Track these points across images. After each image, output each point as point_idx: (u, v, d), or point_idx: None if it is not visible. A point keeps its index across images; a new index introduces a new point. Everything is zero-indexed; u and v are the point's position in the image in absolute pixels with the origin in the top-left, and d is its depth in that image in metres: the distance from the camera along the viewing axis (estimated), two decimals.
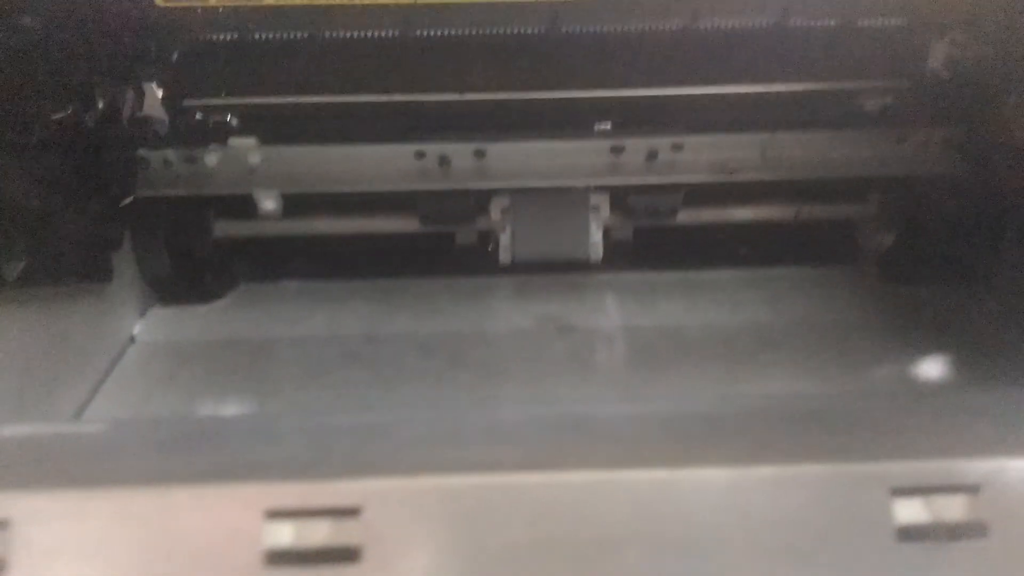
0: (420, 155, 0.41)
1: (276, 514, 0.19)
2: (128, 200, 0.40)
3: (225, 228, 0.45)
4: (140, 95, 0.38)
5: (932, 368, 0.37)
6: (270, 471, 0.20)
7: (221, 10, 0.30)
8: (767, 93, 0.41)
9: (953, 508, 0.19)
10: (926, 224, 0.45)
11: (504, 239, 0.44)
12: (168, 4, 0.29)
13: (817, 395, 0.32)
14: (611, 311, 0.42)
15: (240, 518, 0.19)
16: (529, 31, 0.36)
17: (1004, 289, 0.43)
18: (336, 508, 0.19)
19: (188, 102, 0.39)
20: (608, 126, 0.42)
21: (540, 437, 0.22)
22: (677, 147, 0.42)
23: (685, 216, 0.45)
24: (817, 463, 0.19)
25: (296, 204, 0.42)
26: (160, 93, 0.38)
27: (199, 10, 0.30)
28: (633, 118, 0.41)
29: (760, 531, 0.19)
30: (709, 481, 0.19)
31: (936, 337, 0.40)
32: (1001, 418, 0.24)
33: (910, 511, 0.19)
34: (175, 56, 0.36)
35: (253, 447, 0.22)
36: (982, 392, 0.32)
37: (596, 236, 0.43)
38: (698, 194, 0.44)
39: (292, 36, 0.35)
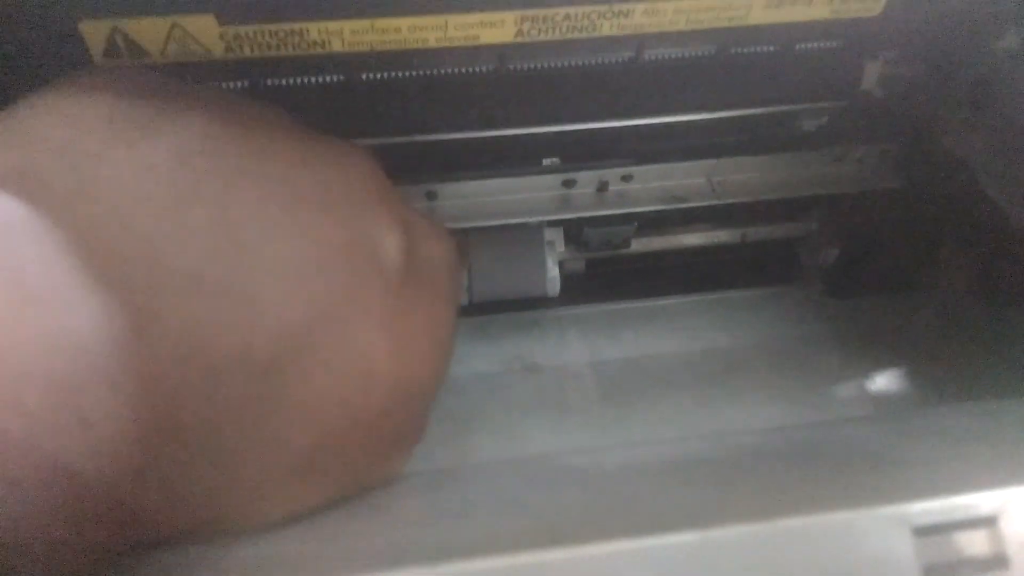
0: None
1: None
2: None
3: None
4: None
5: (892, 384, 0.38)
6: None
7: (164, 67, 0.28)
8: (711, 120, 0.41)
9: (976, 543, 0.19)
10: (866, 239, 0.46)
11: (461, 280, 0.43)
12: (107, 62, 0.27)
13: (810, 425, 0.33)
14: (575, 346, 0.42)
15: None
16: (477, 70, 0.36)
17: (941, 297, 0.44)
18: None
19: None
20: (557, 160, 0.42)
21: (549, 505, 0.21)
22: (627, 178, 0.42)
23: (638, 245, 0.45)
24: (839, 510, 0.19)
25: None
26: None
27: (140, 66, 0.28)
28: (583, 152, 0.41)
29: None
30: (737, 540, 0.18)
31: (884, 351, 0.41)
32: (991, 436, 0.24)
33: (934, 550, 0.19)
34: None
35: None
36: (953, 408, 0.33)
37: (553, 271, 0.43)
38: (650, 223, 0.44)
39: (232, 86, 0.33)
